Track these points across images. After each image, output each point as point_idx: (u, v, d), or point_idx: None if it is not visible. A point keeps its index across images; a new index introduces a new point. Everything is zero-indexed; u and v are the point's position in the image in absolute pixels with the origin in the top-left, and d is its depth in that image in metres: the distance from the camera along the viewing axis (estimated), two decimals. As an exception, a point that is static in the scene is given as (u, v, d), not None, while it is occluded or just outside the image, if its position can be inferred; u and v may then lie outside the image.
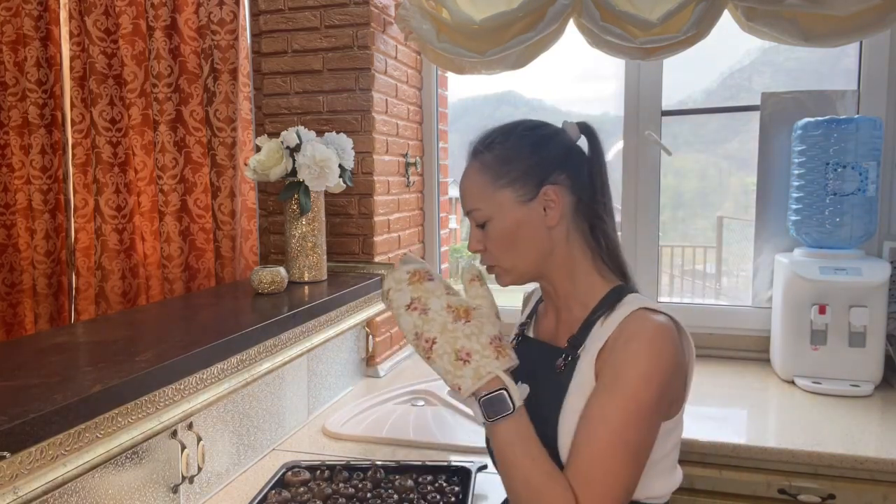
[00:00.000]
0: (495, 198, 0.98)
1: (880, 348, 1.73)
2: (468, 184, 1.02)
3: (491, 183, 0.98)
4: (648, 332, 0.88)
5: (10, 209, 2.22)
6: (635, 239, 2.18)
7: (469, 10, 1.90)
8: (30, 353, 1.12)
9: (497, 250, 0.99)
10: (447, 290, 0.94)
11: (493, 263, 1.01)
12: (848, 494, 1.40)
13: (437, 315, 0.90)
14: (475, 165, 1.01)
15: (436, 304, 0.91)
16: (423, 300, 0.92)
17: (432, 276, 0.95)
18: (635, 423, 0.86)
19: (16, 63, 2.14)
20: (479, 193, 0.99)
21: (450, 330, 0.89)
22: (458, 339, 0.88)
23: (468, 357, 0.88)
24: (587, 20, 1.79)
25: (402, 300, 0.93)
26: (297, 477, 1.35)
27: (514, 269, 1.00)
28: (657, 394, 0.87)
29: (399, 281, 0.94)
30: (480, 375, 0.87)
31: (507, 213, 0.98)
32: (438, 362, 0.89)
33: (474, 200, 1.00)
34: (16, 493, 0.79)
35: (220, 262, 1.98)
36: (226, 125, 1.94)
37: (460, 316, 0.90)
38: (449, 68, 2.07)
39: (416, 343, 0.91)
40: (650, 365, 0.87)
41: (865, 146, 1.78)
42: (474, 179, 1.00)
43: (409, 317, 0.91)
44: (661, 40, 1.75)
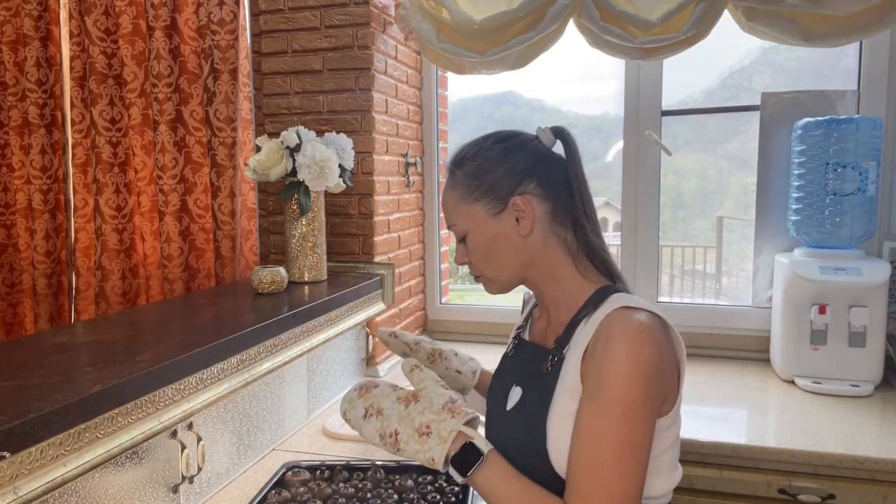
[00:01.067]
0: (468, 212, 1.03)
1: (880, 348, 1.73)
2: (445, 200, 1.08)
3: (463, 198, 1.03)
4: (627, 331, 0.88)
5: (10, 209, 2.22)
6: (635, 239, 2.18)
7: (469, 10, 1.90)
8: (30, 353, 1.12)
9: (478, 262, 1.04)
10: (393, 389, 0.98)
11: (478, 274, 1.06)
12: (848, 494, 1.40)
13: (391, 411, 0.94)
14: (449, 182, 1.06)
15: (387, 403, 0.95)
16: (375, 405, 0.95)
17: (378, 384, 0.99)
18: (626, 426, 0.85)
19: (16, 63, 2.14)
20: (454, 209, 1.05)
21: (404, 415, 0.93)
22: (415, 418, 0.92)
23: (427, 429, 0.91)
24: (587, 20, 1.79)
25: (357, 413, 0.96)
26: (297, 477, 1.35)
27: (496, 279, 1.05)
28: (642, 393, 0.86)
29: (351, 400, 0.98)
30: (444, 438, 0.90)
31: (481, 226, 1.02)
32: (407, 449, 0.91)
33: (451, 216, 1.06)
34: (16, 493, 0.79)
35: (220, 262, 1.98)
36: (226, 125, 1.94)
37: (409, 400, 0.94)
38: (449, 68, 2.07)
39: (384, 443, 0.93)
40: (630, 365, 0.86)
41: (865, 146, 1.78)
42: (449, 196, 1.06)
43: (369, 424, 0.95)
44: (661, 40, 1.75)
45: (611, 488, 0.83)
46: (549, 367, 0.96)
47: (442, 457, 0.89)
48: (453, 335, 2.41)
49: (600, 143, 5.08)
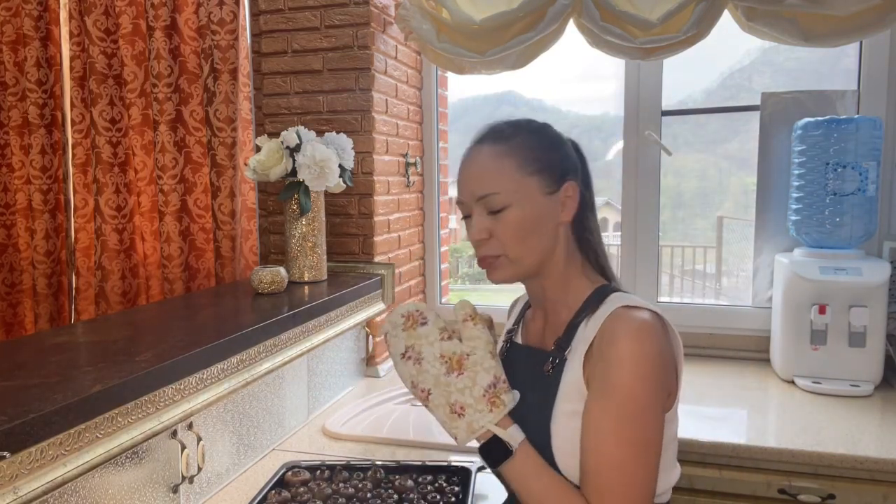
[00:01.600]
0: (522, 184, 0.95)
1: (880, 348, 1.73)
2: (485, 167, 0.96)
3: (519, 168, 0.95)
4: (631, 330, 0.88)
5: (10, 209, 2.22)
6: (635, 239, 2.18)
7: (469, 10, 1.90)
8: (30, 353, 1.12)
9: (509, 239, 0.95)
10: (441, 335, 0.93)
11: (499, 253, 0.96)
12: (848, 494, 1.39)
13: (430, 366, 0.91)
14: (495, 150, 0.96)
15: (428, 353, 0.92)
16: (416, 348, 0.93)
17: (426, 320, 0.95)
18: (639, 424, 0.86)
19: (16, 63, 2.14)
20: (499, 178, 0.95)
21: (443, 383, 0.91)
22: (452, 393, 0.90)
23: (462, 411, 0.90)
24: (587, 20, 1.79)
25: (397, 347, 0.94)
26: (297, 477, 1.35)
27: (518, 262, 0.96)
28: (651, 390, 0.87)
29: (395, 325, 0.95)
30: (473, 430, 0.89)
31: (530, 201, 0.95)
32: (435, 412, 0.92)
33: (493, 184, 0.95)
34: (16, 493, 0.79)
35: (220, 262, 1.98)
36: (226, 125, 1.94)
37: (453, 368, 0.91)
38: (449, 68, 2.07)
39: (413, 391, 0.93)
40: (639, 362, 0.86)
41: (865, 146, 1.78)
42: (496, 163, 0.95)
43: (405, 366, 0.93)
44: (661, 40, 1.75)
45: (630, 487, 0.84)
46: (551, 369, 0.96)
47: (464, 442, 0.90)
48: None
49: (600, 143, 5.07)
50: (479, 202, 0.96)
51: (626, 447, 0.85)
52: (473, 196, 0.96)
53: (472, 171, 0.97)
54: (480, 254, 0.98)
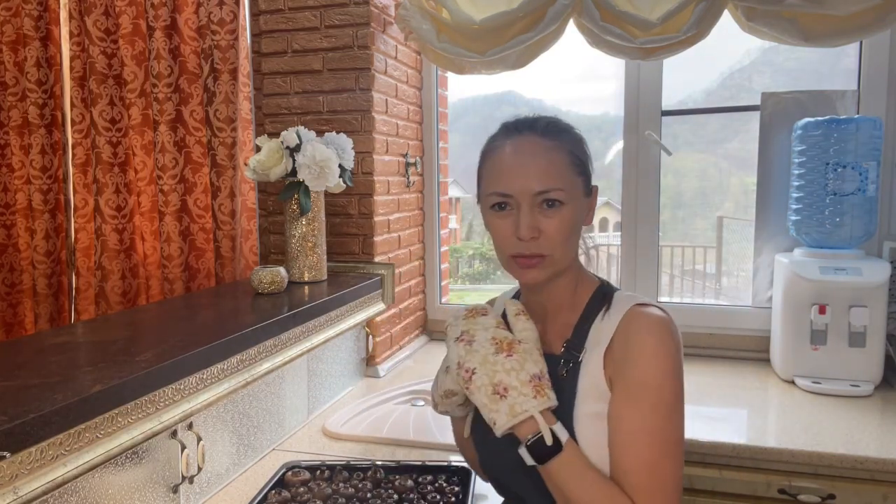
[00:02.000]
0: (574, 183, 0.94)
1: (880, 348, 1.73)
2: (548, 159, 0.92)
3: (571, 165, 0.93)
4: (653, 327, 0.89)
5: (10, 209, 2.22)
6: (635, 239, 2.18)
7: (469, 10, 1.90)
8: (30, 353, 1.12)
9: (558, 238, 0.91)
10: (498, 324, 0.94)
11: (547, 253, 0.92)
12: (848, 494, 1.39)
13: (480, 347, 0.90)
14: (550, 144, 0.93)
15: (481, 336, 0.91)
16: (471, 332, 0.93)
17: (487, 312, 0.96)
18: (668, 420, 0.87)
19: (16, 63, 2.14)
20: (562, 173, 0.92)
21: (490, 362, 0.89)
22: (497, 372, 0.88)
23: (505, 392, 0.87)
24: (587, 20, 1.79)
25: (453, 333, 0.94)
26: (297, 477, 1.35)
27: (558, 263, 0.94)
28: (678, 385, 0.89)
29: (456, 317, 0.96)
30: (515, 413, 0.86)
31: (579, 202, 0.95)
32: (476, 395, 0.88)
33: (557, 179, 0.91)
34: (16, 493, 0.79)
35: (220, 262, 1.98)
36: (226, 125, 1.94)
37: (503, 349, 0.90)
38: (449, 68, 2.07)
39: (458, 373, 0.91)
40: (665, 360, 0.88)
41: (865, 146, 1.78)
42: (556, 157, 0.92)
43: (455, 348, 0.92)
44: (661, 40, 1.75)
45: (665, 482, 0.85)
46: (565, 372, 0.94)
47: (504, 427, 0.86)
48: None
49: (600, 143, 5.06)
50: (536, 196, 0.91)
51: (659, 444, 0.86)
52: (530, 190, 0.91)
53: (530, 163, 0.91)
54: (525, 251, 0.92)
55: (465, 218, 10.45)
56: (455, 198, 8.73)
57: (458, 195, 8.46)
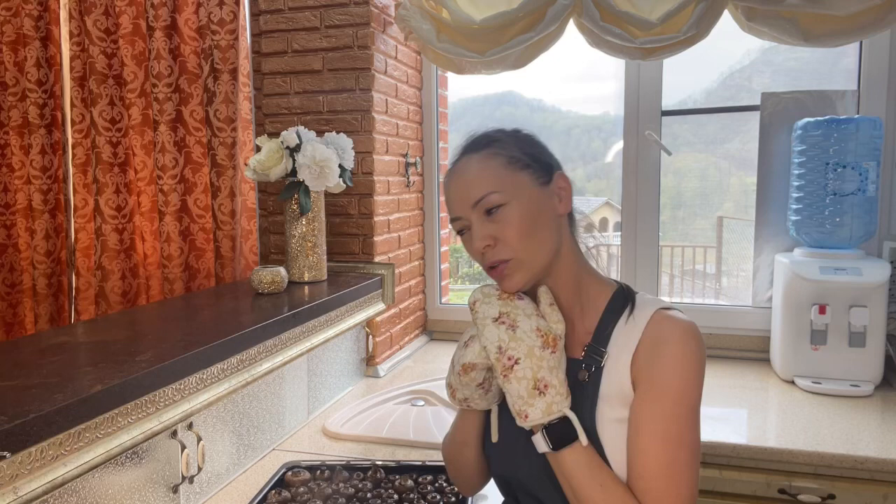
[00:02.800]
0: (514, 179, 0.93)
1: (880, 348, 1.73)
2: (477, 171, 0.94)
3: (508, 164, 0.94)
4: (681, 333, 0.89)
5: (10, 209, 2.22)
6: (635, 239, 2.18)
7: (469, 10, 1.90)
8: (30, 353, 1.12)
9: (515, 238, 0.91)
10: (536, 313, 0.91)
11: (509, 256, 0.91)
12: (848, 494, 1.40)
13: (525, 336, 0.88)
14: (480, 155, 0.95)
15: (525, 324, 0.89)
16: (511, 316, 0.90)
17: (523, 297, 0.94)
18: (688, 425, 0.87)
19: (16, 63, 2.14)
20: (493, 177, 0.93)
21: (536, 356, 0.87)
22: (542, 368, 0.87)
23: (545, 389, 0.87)
24: (587, 20, 1.79)
25: (489, 312, 0.91)
26: (297, 477, 1.35)
27: (530, 262, 0.92)
28: (699, 391, 0.89)
29: (488, 295, 0.93)
30: (551, 412, 0.86)
31: (527, 193, 0.93)
32: (514, 384, 0.87)
33: (487, 185, 0.92)
34: (16, 493, 0.79)
35: (220, 262, 1.98)
36: (226, 125, 1.94)
37: (548, 344, 0.88)
38: (449, 68, 2.07)
39: (497, 357, 0.88)
40: (690, 366, 0.88)
41: (865, 146, 1.78)
42: (485, 165, 0.94)
43: (496, 329, 0.89)
44: (661, 40, 1.75)
45: (683, 488, 0.85)
46: (588, 376, 0.92)
47: (536, 422, 0.86)
48: (453, 335, 2.41)
49: (600, 143, 5.06)
50: (475, 207, 0.93)
51: (680, 449, 0.86)
52: (469, 203, 0.93)
53: (462, 181, 0.95)
54: (489, 262, 0.93)
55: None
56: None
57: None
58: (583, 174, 7.16)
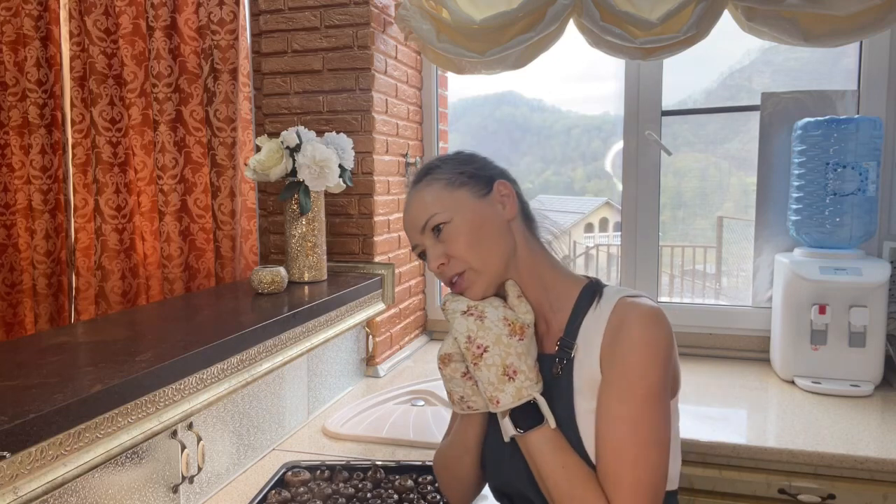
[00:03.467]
0: (454, 198, 0.98)
1: (880, 348, 1.73)
2: (420, 199, 1.00)
3: (447, 185, 0.99)
4: (641, 316, 0.90)
5: (10, 209, 2.22)
6: (635, 239, 2.18)
7: (469, 10, 1.90)
8: (30, 353, 1.12)
9: (464, 250, 0.96)
10: (504, 304, 0.96)
11: (462, 269, 0.96)
12: (848, 494, 1.40)
13: (493, 325, 0.93)
14: (422, 184, 1.02)
15: (492, 314, 0.94)
16: (479, 308, 0.95)
17: None
18: (650, 409, 0.87)
19: (16, 63, 2.14)
20: (434, 200, 0.99)
21: (504, 343, 0.91)
22: (510, 354, 0.91)
23: (514, 374, 0.90)
24: (587, 20, 1.79)
25: (458, 306, 0.96)
26: (297, 477, 1.35)
27: (485, 269, 0.96)
28: (663, 372, 0.89)
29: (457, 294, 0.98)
30: (521, 396, 0.90)
31: (469, 207, 0.98)
32: (483, 371, 0.91)
33: (430, 208, 0.98)
34: (16, 493, 0.79)
35: (220, 262, 1.98)
36: (226, 125, 1.94)
37: (515, 331, 0.92)
38: (449, 68, 2.07)
39: (467, 347, 0.92)
40: (649, 348, 0.88)
41: (865, 146, 1.78)
42: (426, 192, 1.00)
43: (465, 320, 0.94)
44: (661, 40, 1.75)
45: (641, 470, 0.85)
46: (560, 370, 0.95)
47: (507, 406, 0.90)
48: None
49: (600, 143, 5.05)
50: (424, 232, 0.99)
51: (635, 430, 0.86)
52: (417, 229, 1.00)
53: (410, 211, 1.02)
54: (447, 277, 0.98)
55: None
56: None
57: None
58: (583, 174, 7.13)
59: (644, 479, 0.85)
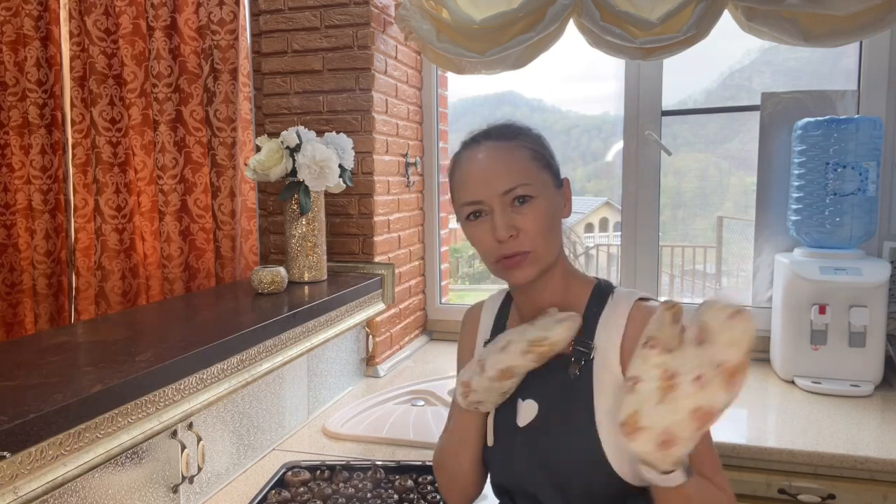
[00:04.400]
0: (541, 176, 0.94)
1: (880, 348, 1.73)
2: (507, 160, 0.93)
3: (535, 158, 0.95)
4: None
5: (10, 209, 2.22)
6: (635, 239, 2.18)
7: (469, 10, 1.90)
8: (30, 353, 1.12)
9: (536, 232, 0.91)
10: None
11: (528, 249, 0.91)
12: (848, 494, 1.40)
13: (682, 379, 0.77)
14: (507, 145, 0.95)
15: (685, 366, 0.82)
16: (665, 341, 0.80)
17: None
18: None
19: (16, 63, 2.14)
20: (524, 169, 0.93)
21: None
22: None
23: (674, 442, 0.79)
24: (587, 20, 1.79)
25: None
26: (297, 477, 1.35)
27: (544, 258, 0.93)
28: None
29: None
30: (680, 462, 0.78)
31: (549, 193, 0.95)
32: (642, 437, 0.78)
33: (520, 176, 0.92)
34: (16, 493, 0.79)
35: (220, 262, 1.98)
36: (226, 125, 1.94)
37: None
38: (449, 68, 2.07)
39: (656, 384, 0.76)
40: None
41: (865, 146, 1.78)
42: (515, 155, 0.94)
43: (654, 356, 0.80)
44: (661, 40, 1.75)
45: (718, 457, 0.90)
46: (578, 371, 0.93)
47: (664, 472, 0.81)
48: (453, 335, 2.41)
49: (600, 143, 5.06)
50: (504, 196, 0.92)
51: None
52: (496, 191, 0.92)
53: (491, 166, 0.93)
54: (506, 251, 0.92)
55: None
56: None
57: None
58: (583, 174, 7.15)
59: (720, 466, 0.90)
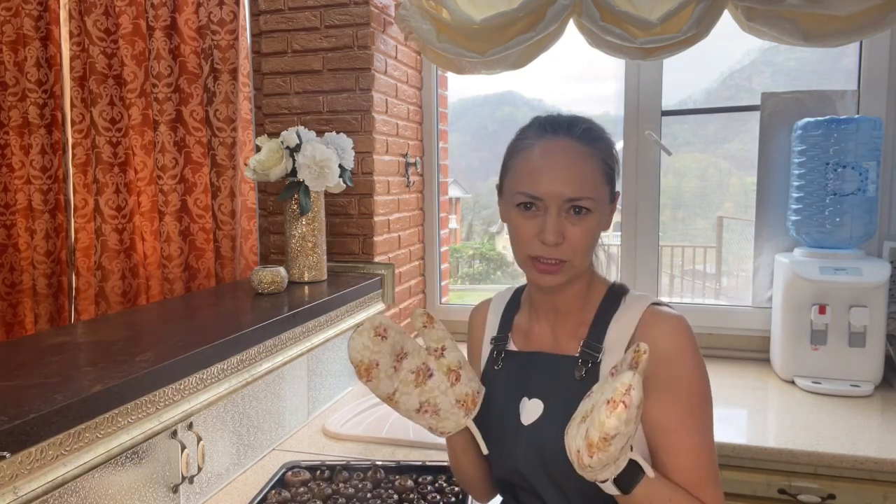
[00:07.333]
0: (603, 191, 0.92)
1: (880, 348, 1.73)
2: (579, 168, 0.90)
3: (601, 174, 0.92)
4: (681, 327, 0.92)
5: (10, 209, 2.22)
6: (635, 239, 2.18)
7: (469, 10, 1.90)
8: (30, 353, 1.12)
9: (581, 245, 0.90)
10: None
11: (567, 258, 0.90)
12: (848, 494, 1.40)
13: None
14: (586, 150, 0.91)
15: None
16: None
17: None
18: (708, 414, 0.91)
19: (16, 63, 2.14)
20: (592, 181, 0.90)
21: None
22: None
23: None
24: (587, 20, 1.79)
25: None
26: (297, 477, 1.35)
27: (578, 268, 0.93)
28: (707, 378, 0.92)
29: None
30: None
31: (603, 209, 0.93)
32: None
33: (588, 188, 0.89)
34: (16, 493, 0.79)
35: (220, 262, 1.98)
36: (226, 125, 1.94)
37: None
38: (449, 68, 2.07)
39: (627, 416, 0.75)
40: (695, 356, 0.92)
41: (865, 146, 1.78)
42: (588, 165, 0.91)
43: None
44: (661, 40, 1.75)
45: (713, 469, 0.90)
46: (585, 373, 0.93)
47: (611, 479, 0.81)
48: (453, 335, 2.41)
49: (600, 143, 4.97)
50: (566, 202, 0.89)
51: (701, 437, 0.89)
52: (561, 195, 0.89)
53: (565, 168, 0.90)
54: (546, 255, 0.90)
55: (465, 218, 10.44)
56: (455, 198, 8.73)
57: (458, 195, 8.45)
58: (583, 174, 7.01)
59: (716, 474, 0.89)
